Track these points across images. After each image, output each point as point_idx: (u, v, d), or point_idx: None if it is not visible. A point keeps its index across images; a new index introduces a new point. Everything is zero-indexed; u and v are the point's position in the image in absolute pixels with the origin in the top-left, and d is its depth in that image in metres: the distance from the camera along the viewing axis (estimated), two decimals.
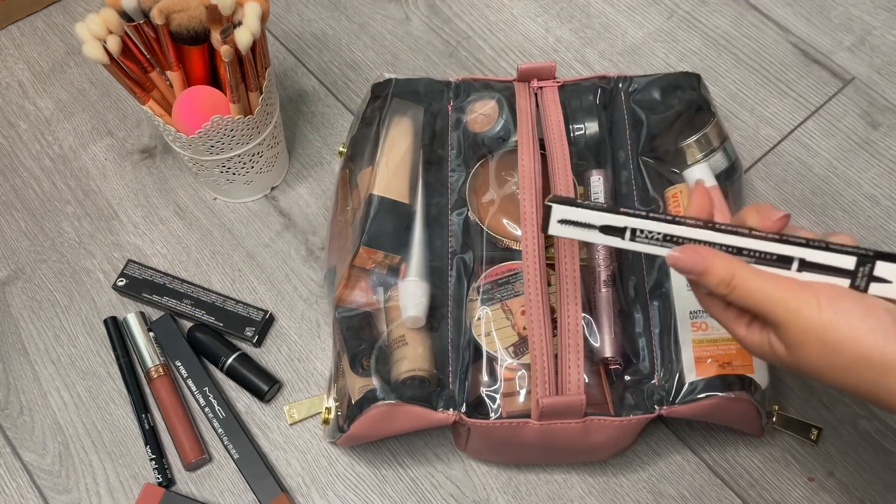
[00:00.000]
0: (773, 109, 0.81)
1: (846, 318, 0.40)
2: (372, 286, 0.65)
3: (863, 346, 0.40)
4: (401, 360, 0.61)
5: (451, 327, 0.63)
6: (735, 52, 0.85)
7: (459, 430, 0.63)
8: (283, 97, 0.84)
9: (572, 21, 0.88)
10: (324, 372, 0.71)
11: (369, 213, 0.65)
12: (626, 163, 0.67)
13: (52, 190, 0.80)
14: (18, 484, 0.67)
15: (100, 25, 0.65)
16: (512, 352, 0.61)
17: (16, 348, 0.73)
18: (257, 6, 0.64)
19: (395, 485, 0.66)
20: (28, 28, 0.90)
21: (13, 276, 0.76)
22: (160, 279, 0.74)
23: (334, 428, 0.63)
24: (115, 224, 0.78)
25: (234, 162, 0.72)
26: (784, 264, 0.43)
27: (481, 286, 0.64)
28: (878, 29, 0.85)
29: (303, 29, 0.89)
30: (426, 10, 0.89)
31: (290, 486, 0.66)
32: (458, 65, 0.86)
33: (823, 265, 0.43)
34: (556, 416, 0.57)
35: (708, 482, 0.65)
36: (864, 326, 0.40)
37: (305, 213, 0.78)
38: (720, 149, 0.68)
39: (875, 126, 0.80)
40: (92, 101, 0.85)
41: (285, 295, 0.74)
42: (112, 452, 0.68)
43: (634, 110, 0.69)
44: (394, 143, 0.69)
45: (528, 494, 0.65)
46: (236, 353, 0.70)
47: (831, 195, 0.76)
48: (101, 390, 0.71)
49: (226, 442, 0.67)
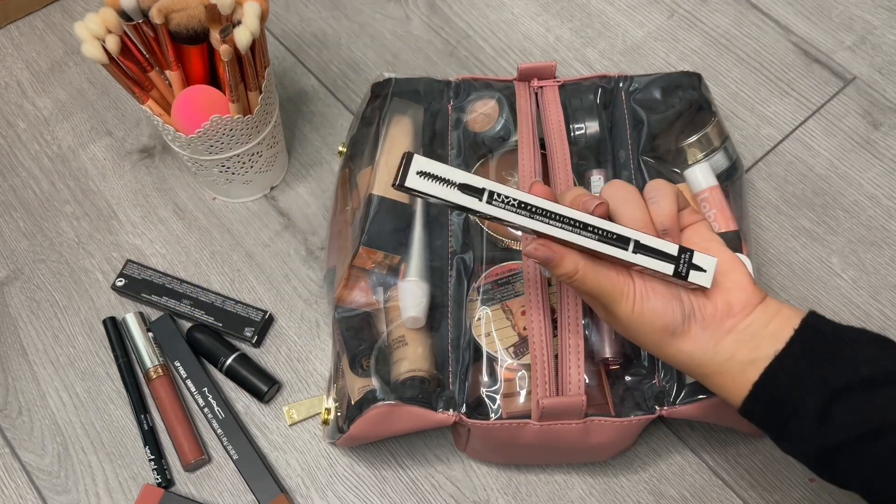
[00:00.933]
0: (773, 109, 0.81)
1: (648, 316, 0.50)
2: (372, 286, 0.64)
3: (655, 339, 0.51)
4: (401, 361, 0.61)
5: (451, 327, 0.62)
6: (736, 51, 0.85)
7: (459, 430, 0.63)
8: (283, 97, 0.84)
9: (572, 20, 0.88)
10: (323, 372, 0.71)
11: (369, 212, 0.65)
12: (627, 162, 0.67)
13: (51, 190, 0.80)
14: (17, 484, 0.67)
15: (99, 25, 0.65)
16: (512, 352, 0.61)
17: (14, 349, 0.73)
18: (257, 5, 0.64)
19: (395, 485, 0.66)
20: (27, 27, 0.90)
21: (12, 276, 0.76)
22: (159, 279, 0.73)
23: (334, 428, 0.63)
24: (114, 224, 0.78)
25: (234, 161, 0.72)
26: (622, 244, 0.49)
27: (481, 286, 0.64)
28: (879, 28, 0.85)
29: (302, 28, 0.89)
30: (426, 9, 0.89)
31: (290, 487, 0.66)
32: (458, 64, 0.85)
33: (653, 249, 0.49)
34: (557, 417, 0.57)
35: (709, 483, 0.65)
36: (659, 323, 0.50)
37: (305, 213, 0.78)
38: (721, 148, 0.68)
39: (876, 126, 0.80)
40: (91, 100, 0.85)
41: (285, 295, 0.74)
42: (111, 453, 0.68)
43: (635, 110, 0.69)
44: (394, 142, 0.68)
45: (528, 495, 0.65)
46: (235, 354, 0.70)
47: (832, 195, 0.76)
48: (100, 391, 0.71)
49: (225, 442, 0.67)
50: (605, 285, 0.50)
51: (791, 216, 0.75)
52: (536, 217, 0.48)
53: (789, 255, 0.74)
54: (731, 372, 0.49)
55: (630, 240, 0.49)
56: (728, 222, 0.65)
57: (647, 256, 0.49)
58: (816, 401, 0.47)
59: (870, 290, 0.72)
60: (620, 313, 0.51)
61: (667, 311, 0.50)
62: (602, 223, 0.49)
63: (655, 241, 0.50)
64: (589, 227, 0.49)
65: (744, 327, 0.50)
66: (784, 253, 0.74)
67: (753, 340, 0.49)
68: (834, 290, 0.72)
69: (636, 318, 0.50)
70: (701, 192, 0.66)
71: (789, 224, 0.75)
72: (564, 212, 0.48)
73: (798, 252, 0.74)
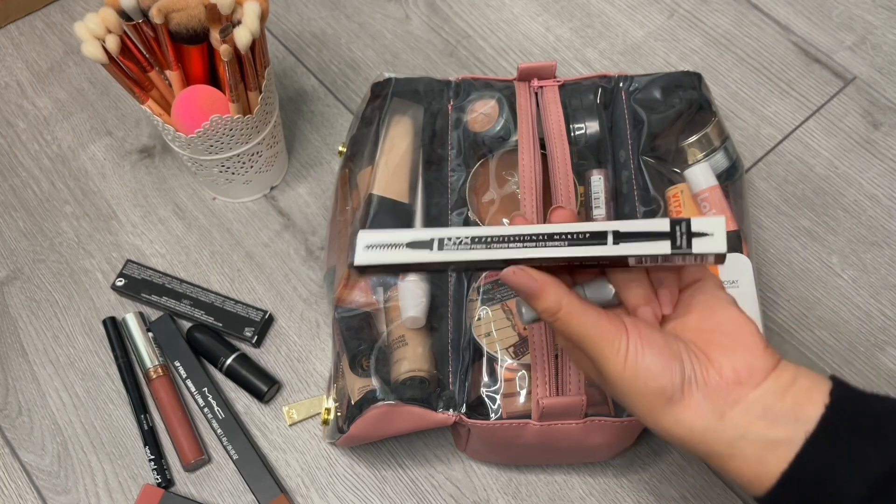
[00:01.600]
0: (774, 109, 0.81)
1: (643, 376, 0.43)
2: (372, 286, 0.64)
3: (649, 404, 0.44)
4: (400, 361, 0.61)
5: (451, 327, 0.62)
6: (736, 51, 0.85)
7: (459, 430, 0.63)
8: (283, 97, 0.84)
9: (573, 20, 0.88)
10: (323, 372, 0.71)
11: (369, 212, 0.65)
12: (627, 162, 0.67)
13: (51, 190, 0.80)
14: (17, 484, 0.67)
15: (98, 25, 0.65)
16: (512, 352, 0.61)
17: (14, 349, 0.73)
18: (257, 5, 0.64)
19: (395, 485, 0.66)
20: (27, 27, 0.90)
21: (12, 276, 0.76)
22: (159, 279, 0.73)
23: (334, 428, 0.63)
24: (114, 224, 0.78)
25: (234, 161, 0.72)
26: (600, 240, 0.43)
27: (481, 286, 0.64)
28: (879, 28, 0.85)
29: (302, 28, 0.89)
30: (426, 9, 0.89)
31: (290, 487, 0.66)
32: (458, 64, 0.85)
33: (640, 233, 0.43)
34: (557, 417, 0.57)
35: (709, 483, 0.65)
36: (654, 385, 0.43)
37: (305, 213, 0.78)
38: (721, 148, 0.68)
39: (876, 126, 0.80)
40: (91, 100, 0.85)
41: (285, 295, 0.74)
42: (111, 453, 0.68)
43: (635, 109, 0.69)
44: (394, 142, 0.68)
45: (528, 495, 0.65)
46: (235, 354, 0.70)
47: (832, 195, 0.76)
48: (99, 391, 0.71)
49: (225, 442, 0.67)
50: (592, 332, 0.44)
51: (791, 216, 0.75)
52: (495, 246, 0.44)
53: (789, 254, 0.74)
54: (747, 455, 0.42)
55: (607, 232, 0.43)
56: (728, 222, 0.65)
57: (633, 243, 0.43)
58: (860, 489, 0.40)
59: (870, 290, 0.72)
60: (611, 371, 0.44)
61: (664, 372, 0.43)
62: (569, 227, 0.44)
63: (639, 224, 0.43)
64: (555, 235, 0.44)
65: (754, 399, 0.43)
66: (784, 253, 0.74)
67: (767, 416, 0.42)
68: (834, 289, 0.72)
69: (628, 377, 0.43)
70: (701, 192, 0.66)
71: (789, 224, 0.75)
72: (524, 230, 0.44)
73: (798, 252, 0.74)
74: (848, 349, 0.69)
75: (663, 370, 0.43)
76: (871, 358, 0.69)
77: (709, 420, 0.43)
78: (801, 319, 0.71)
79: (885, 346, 0.69)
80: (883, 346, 0.69)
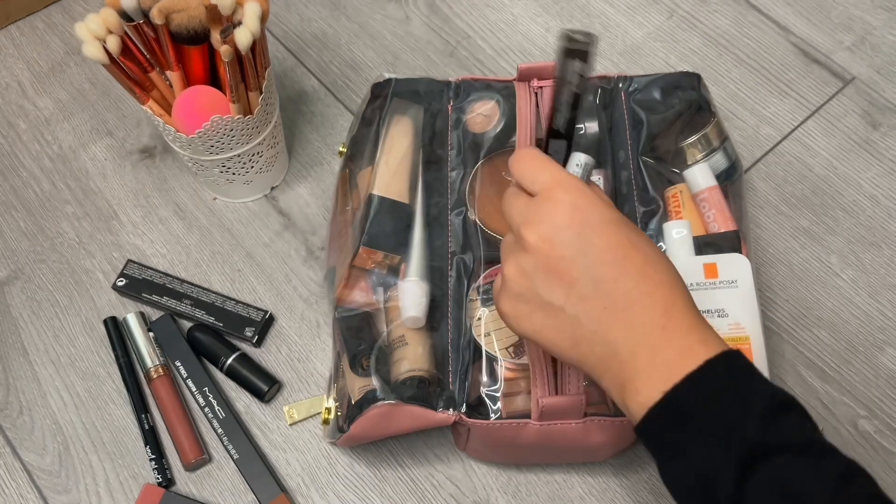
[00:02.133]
0: (773, 109, 0.81)
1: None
2: (372, 286, 0.65)
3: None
4: (401, 361, 0.61)
5: (451, 327, 0.62)
6: (735, 51, 0.85)
7: (459, 430, 0.63)
8: (283, 97, 0.84)
9: (572, 21, 0.88)
10: (323, 372, 0.71)
11: (369, 213, 0.65)
12: (627, 163, 0.67)
13: (52, 190, 0.80)
14: (18, 484, 0.67)
15: (99, 25, 0.65)
16: (512, 352, 0.61)
17: (15, 348, 0.73)
18: (257, 6, 0.64)
19: (395, 485, 0.66)
20: (27, 28, 0.90)
21: (13, 276, 0.76)
22: (160, 279, 0.74)
23: (334, 428, 0.63)
24: (115, 224, 0.78)
25: (234, 162, 0.72)
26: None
27: (481, 286, 0.64)
28: (878, 29, 0.85)
29: (302, 29, 0.89)
30: (426, 9, 0.89)
31: (290, 487, 0.66)
32: (458, 64, 0.86)
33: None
34: (556, 417, 0.57)
35: None
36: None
37: (305, 213, 0.78)
38: (720, 149, 0.68)
39: (875, 126, 0.80)
40: (91, 101, 0.85)
41: (285, 295, 0.74)
42: (112, 453, 0.68)
43: (634, 110, 0.69)
44: (394, 142, 0.69)
45: (528, 495, 0.65)
46: (236, 354, 0.70)
47: (832, 195, 0.76)
48: (100, 390, 0.71)
49: (225, 442, 0.67)
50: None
51: (790, 216, 0.75)
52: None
53: (788, 255, 0.74)
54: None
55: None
56: (727, 222, 0.65)
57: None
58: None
59: (869, 290, 0.72)
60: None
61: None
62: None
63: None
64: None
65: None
66: (783, 253, 0.74)
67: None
68: (833, 289, 0.72)
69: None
70: (700, 192, 0.66)
71: (788, 224, 0.75)
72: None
73: (797, 252, 0.74)
74: (847, 349, 0.69)
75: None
76: (871, 358, 0.69)
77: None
78: (801, 319, 0.71)
79: (884, 346, 0.69)
80: (882, 345, 0.69)
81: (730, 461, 0.42)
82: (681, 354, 0.44)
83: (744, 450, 0.42)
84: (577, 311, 0.46)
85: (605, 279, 0.45)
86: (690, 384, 0.43)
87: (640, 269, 0.46)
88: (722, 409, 0.43)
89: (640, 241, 0.47)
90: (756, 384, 0.44)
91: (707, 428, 0.43)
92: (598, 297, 0.45)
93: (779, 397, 0.44)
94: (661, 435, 0.44)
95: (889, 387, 0.68)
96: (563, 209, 0.46)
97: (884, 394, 0.67)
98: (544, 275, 0.47)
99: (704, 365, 0.43)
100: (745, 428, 0.42)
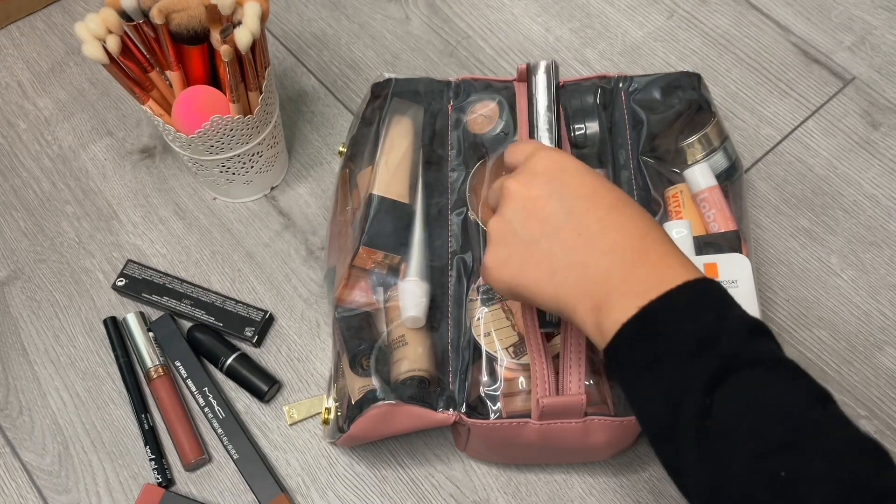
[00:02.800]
0: (773, 109, 0.81)
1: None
2: (372, 286, 0.65)
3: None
4: (401, 360, 0.61)
5: (451, 327, 0.62)
6: (735, 51, 0.85)
7: (459, 430, 0.63)
8: (283, 97, 0.84)
9: (572, 21, 0.88)
10: (323, 372, 0.71)
11: (369, 213, 0.65)
12: (627, 163, 0.67)
13: (52, 190, 0.80)
14: (18, 484, 0.67)
15: (99, 25, 0.65)
16: (512, 352, 0.61)
17: (15, 348, 0.73)
18: (257, 6, 0.64)
19: (395, 485, 0.66)
20: (27, 28, 0.90)
21: (13, 276, 0.76)
22: (160, 279, 0.73)
23: (334, 428, 0.63)
24: (115, 224, 0.78)
25: (234, 162, 0.72)
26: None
27: (481, 286, 0.64)
28: (878, 28, 0.85)
29: (302, 28, 0.89)
30: (426, 9, 0.89)
31: (290, 487, 0.66)
32: (458, 64, 0.86)
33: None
34: (557, 416, 0.57)
35: None
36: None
37: (305, 213, 0.78)
38: (720, 148, 0.68)
39: (875, 126, 0.80)
40: (91, 100, 0.85)
41: (285, 295, 0.74)
42: (111, 453, 0.68)
43: (635, 110, 0.69)
44: (394, 142, 0.69)
45: (528, 495, 0.65)
46: (236, 354, 0.70)
47: (832, 195, 0.76)
48: (100, 390, 0.71)
49: (225, 442, 0.67)
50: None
51: (790, 216, 0.75)
52: None
53: (788, 254, 0.74)
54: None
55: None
56: (727, 222, 0.65)
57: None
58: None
59: (869, 290, 0.72)
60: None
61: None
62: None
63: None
64: None
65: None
66: (783, 253, 0.74)
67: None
68: (833, 289, 0.72)
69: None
70: (700, 192, 0.66)
71: (788, 224, 0.75)
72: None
73: (797, 252, 0.74)
74: (847, 349, 0.69)
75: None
76: (870, 358, 0.69)
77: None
78: (801, 319, 0.71)
79: (883, 346, 0.69)
80: (882, 345, 0.69)
81: (700, 374, 0.42)
82: (658, 275, 0.45)
83: (716, 363, 0.42)
84: (552, 242, 0.48)
85: (577, 210, 0.48)
86: (667, 300, 0.44)
87: (612, 203, 0.48)
88: (697, 325, 0.43)
89: (611, 185, 0.50)
90: (733, 309, 0.45)
91: (681, 342, 0.43)
92: (571, 225, 0.48)
93: (755, 322, 0.44)
94: (632, 351, 0.44)
95: (889, 387, 0.68)
96: (541, 161, 0.50)
97: (884, 394, 0.67)
98: (522, 215, 0.49)
99: (682, 285, 0.44)
100: (719, 343, 0.42)
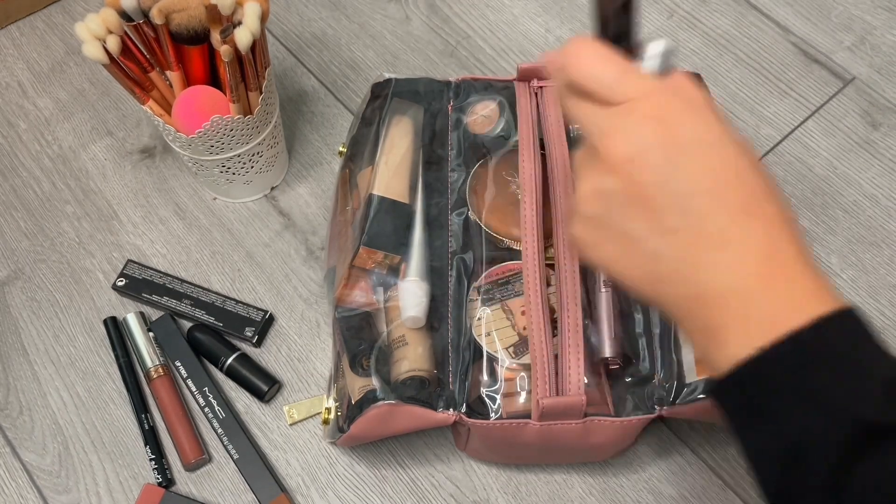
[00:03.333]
0: (773, 109, 0.81)
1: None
2: (372, 286, 0.65)
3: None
4: (401, 360, 0.61)
5: (451, 327, 0.62)
6: (735, 51, 0.85)
7: (459, 430, 0.63)
8: (283, 97, 0.84)
9: (572, 21, 0.88)
10: (324, 372, 0.71)
11: (369, 213, 0.65)
12: None
13: (52, 190, 0.80)
14: (18, 484, 0.67)
15: (99, 25, 0.65)
16: (512, 352, 0.61)
17: (15, 348, 0.73)
18: (257, 6, 0.64)
19: (395, 485, 0.66)
20: (28, 28, 0.90)
21: (13, 276, 0.76)
22: (160, 279, 0.74)
23: (334, 428, 0.63)
24: (115, 224, 0.78)
25: (234, 162, 0.72)
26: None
27: (481, 286, 0.64)
28: (878, 29, 0.85)
29: (302, 29, 0.89)
30: (426, 9, 0.89)
31: (290, 487, 0.66)
32: (458, 64, 0.86)
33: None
34: (557, 417, 0.57)
35: (709, 483, 0.65)
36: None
37: (305, 213, 0.78)
38: None
39: (875, 126, 0.80)
40: (91, 101, 0.85)
41: (285, 295, 0.74)
42: (112, 452, 0.68)
43: None
44: (394, 142, 0.69)
45: (528, 495, 0.65)
46: (236, 354, 0.70)
47: (832, 195, 0.76)
48: (100, 390, 0.71)
49: (225, 442, 0.67)
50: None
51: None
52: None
53: None
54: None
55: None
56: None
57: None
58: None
59: (869, 290, 0.72)
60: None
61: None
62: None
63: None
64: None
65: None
66: None
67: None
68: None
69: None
70: None
71: None
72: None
73: None
74: None
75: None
76: None
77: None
78: None
79: None
80: None
81: (837, 438, 0.35)
82: (784, 307, 0.38)
83: (856, 429, 0.35)
84: (658, 246, 0.39)
85: (695, 212, 0.38)
86: (794, 344, 0.37)
87: (742, 204, 0.38)
88: (833, 378, 0.36)
89: (746, 167, 0.39)
90: (876, 351, 0.38)
91: (811, 398, 0.36)
92: (685, 231, 0.39)
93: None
94: (748, 395, 0.38)
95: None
96: (649, 125, 0.39)
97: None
98: (624, 200, 0.40)
99: (814, 323, 0.37)
100: (860, 405, 0.36)
